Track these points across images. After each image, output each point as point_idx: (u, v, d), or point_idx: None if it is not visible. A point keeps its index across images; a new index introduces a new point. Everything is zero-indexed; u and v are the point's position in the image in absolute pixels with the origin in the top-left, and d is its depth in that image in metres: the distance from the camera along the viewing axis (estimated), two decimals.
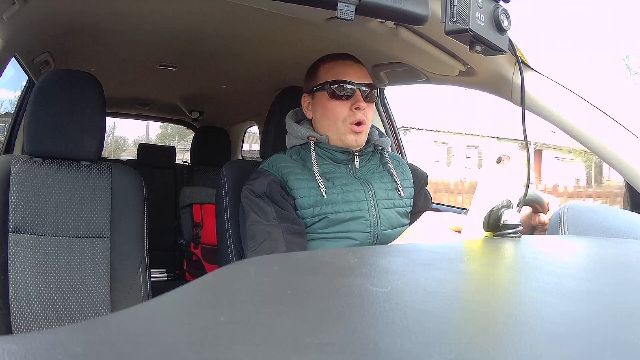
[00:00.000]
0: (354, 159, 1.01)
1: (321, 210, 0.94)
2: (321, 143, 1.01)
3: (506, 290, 0.36)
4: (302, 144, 1.03)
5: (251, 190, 0.95)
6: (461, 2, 0.58)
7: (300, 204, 0.95)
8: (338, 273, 0.35)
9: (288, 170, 0.97)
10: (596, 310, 0.31)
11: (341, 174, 0.99)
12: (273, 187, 0.93)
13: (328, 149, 1.00)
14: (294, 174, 0.97)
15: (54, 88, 1.14)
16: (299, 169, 0.98)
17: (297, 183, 0.96)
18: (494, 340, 0.25)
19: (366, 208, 0.96)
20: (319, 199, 0.94)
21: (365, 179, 1.00)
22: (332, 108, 0.98)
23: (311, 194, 0.95)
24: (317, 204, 0.94)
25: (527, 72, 1.00)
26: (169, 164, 3.08)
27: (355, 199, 0.96)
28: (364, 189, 0.98)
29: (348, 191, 0.96)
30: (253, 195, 0.94)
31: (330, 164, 1.00)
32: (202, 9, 1.19)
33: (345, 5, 0.57)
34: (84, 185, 1.17)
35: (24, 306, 1.05)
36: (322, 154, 1.00)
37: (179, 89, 2.43)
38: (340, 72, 0.99)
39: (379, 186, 1.00)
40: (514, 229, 0.58)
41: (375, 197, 0.98)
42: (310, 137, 1.01)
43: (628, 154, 0.93)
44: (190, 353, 0.20)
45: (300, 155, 1.03)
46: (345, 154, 1.00)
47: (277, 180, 0.95)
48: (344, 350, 0.21)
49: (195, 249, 2.52)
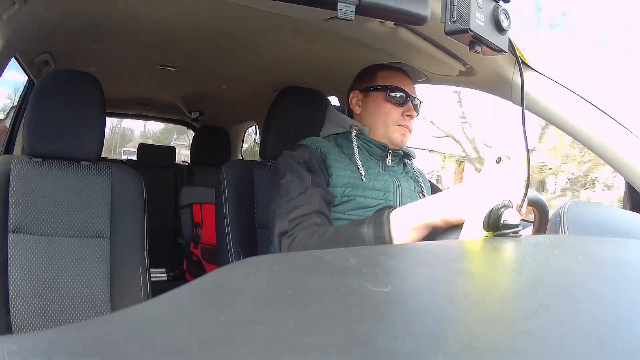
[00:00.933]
0: (387, 156, 1.07)
1: (352, 192, 0.99)
2: (361, 134, 1.06)
3: (506, 290, 0.36)
4: (342, 132, 1.09)
5: (291, 156, 0.99)
6: (461, 2, 0.58)
7: (334, 182, 0.99)
8: (338, 273, 0.35)
9: (327, 149, 1.03)
10: (596, 309, 0.31)
11: (374, 166, 1.05)
12: (313, 157, 0.99)
13: (367, 141, 1.06)
14: (332, 154, 1.02)
15: (54, 88, 1.14)
16: (336, 151, 1.04)
17: (334, 162, 1.01)
18: (494, 340, 0.25)
19: (392, 199, 1.02)
20: (352, 181, 1.00)
21: (394, 176, 1.07)
22: (387, 109, 1.06)
23: (346, 174, 1.00)
24: (349, 185, 0.99)
25: (527, 72, 1.00)
26: (169, 164, 3.08)
27: (383, 189, 1.02)
28: (393, 182, 1.04)
29: (379, 180, 1.02)
30: (292, 160, 0.98)
31: (366, 155, 1.06)
32: (202, 9, 1.19)
33: (345, 5, 0.57)
34: (84, 185, 1.17)
35: (24, 306, 1.06)
36: (360, 144, 1.06)
37: (179, 89, 2.43)
38: (399, 81, 1.09)
39: (405, 185, 1.07)
40: (514, 229, 0.58)
41: (401, 192, 1.04)
42: (353, 126, 1.07)
43: (628, 154, 0.93)
44: (190, 353, 0.20)
45: (337, 142, 1.08)
46: (381, 149, 1.06)
47: (316, 154, 1.01)
48: (344, 350, 0.21)
49: (195, 248, 2.52)
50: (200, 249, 2.50)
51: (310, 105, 1.28)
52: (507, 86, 1.07)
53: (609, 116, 0.95)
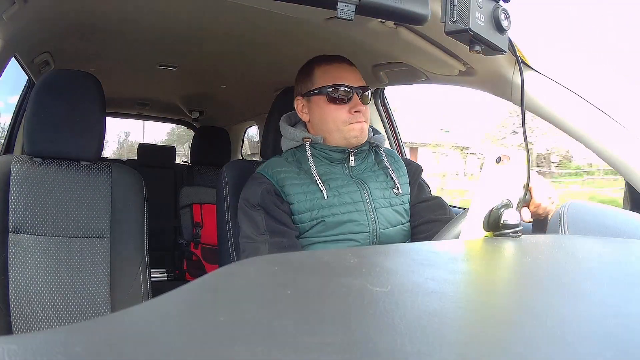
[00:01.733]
0: (349, 158, 1.01)
1: (318, 214, 0.95)
2: (316, 144, 1.02)
3: (506, 290, 0.36)
4: (297, 146, 1.04)
5: (246, 200, 0.97)
6: (461, 2, 0.58)
7: (297, 209, 0.96)
8: (338, 273, 0.35)
9: (284, 175, 0.98)
10: (596, 310, 0.31)
11: (337, 175, 1.00)
12: (266, 197, 0.95)
13: (323, 149, 1.01)
14: (289, 179, 0.98)
15: (54, 88, 1.14)
16: (294, 173, 0.99)
17: (293, 188, 0.96)
18: (494, 339, 0.25)
19: (363, 209, 0.97)
20: (315, 202, 0.95)
21: (361, 178, 1.01)
22: (332, 112, 0.99)
23: (307, 198, 0.96)
24: (314, 208, 0.95)
25: (527, 72, 1.00)
26: (169, 164, 3.08)
27: (351, 200, 0.97)
28: (360, 189, 0.99)
29: (344, 193, 0.97)
30: (247, 206, 0.97)
31: (326, 165, 1.01)
32: (202, 9, 1.19)
33: (345, 5, 0.57)
34: (84, 185, 1.17)
35: (24, 306, 1.06)
36: (317, 154, 1.01)
37: (179, 89, 2.43)
38: (337, 76, 1.00)
39: (374, 186, 1.01)
40: (514, 229, 0.58)
41: (372, 197, 0.99)
42: (305, 139, 1.02)
43: (628, 154, 0.93)
44: (190, 353, 0.20)
45: (296, 157, 1.03)
46: (341, 153, 1.01)
47: (271, 188, 0.97)
48: (344, 350, 0.21)
49: (195, 249, 2.52)
50: (200, 249, 2.50)
51: None
52: (507, 86, 1.07)
53: (609, 116, 0.95)
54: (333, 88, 0.99)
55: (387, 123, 1.78)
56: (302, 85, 1.06)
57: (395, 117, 1.81)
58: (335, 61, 1.04)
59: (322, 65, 1.03)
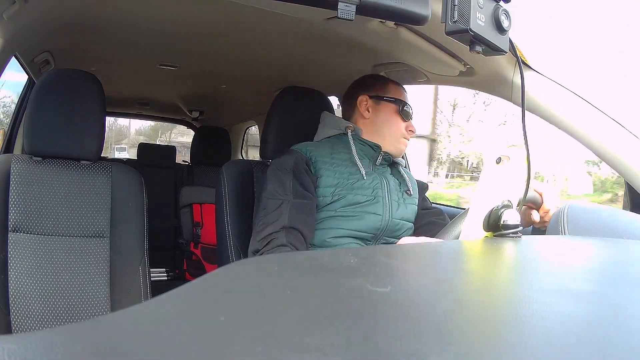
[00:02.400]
0: (378, 156, 1.12)
1: (342, 192, 1.04)
2: (355, 135, 1.12)
3: (506, 290, 0.36)
4: (336, 134, 1.14)
5: (277, 165, 1.05)
6: (461, 2, 0.58)
7: (323, 183, 1.04)
8: (338, 273, 0.35)
9: (317, 153, 1.08)
10: (596, 310, 0.31)
11: (366, 164, 1.10)
12: (299, 163, 1.04)
13: (361, 141, 1.11)
14: (321, 157, 1.07)
15: (54, 87, 1.14)
16: (327, 155, 1.08)
17: (323, 165, 1.06)
18: (494, 340, 0.25)
19: (381, 195, 1.07)
20: (341, 181, 1.05)
21: (382, 174, 1.12)
22: (397, 123, 1.14)
23: (336, 176, 1.05)
24: (339, 185, 1.04)
25: (527, 72, 1.00)
26: (169, 164, 3.08)
27: (372, 186, 1.07)
28: (381, 180, 1.10)
29: (368, 179, 1.07)
30: (277, 168, 1.04)
31: (359, 154, 1.10)
32: (203, 9, 1.19)
33: (346, 5, 0.57)
34: (83, 185, 1.17)
35: (23, 306, 1.05)
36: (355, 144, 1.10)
37: (179, 88, 2.43)
38: (405, 98, 1.16)
39: (392, 182, 1.12)
40: (514, 229, 0.58)
41: (389, 189, 1.10)
42: (348, 127, 1.13)
43: (628, 154, 0.93)
44: (190, 353, 0.20)
45: (330, 144, 1.12)
46: (374, 150, 1.11)
47: (304, 159, 1.05)
48: (344, 350, 0.21)
49: (195, 248, 2.52)
50: (200, 249, 2.50)
51: (310, 105, 1.28)
52: (507, 86, 1.07)
53: (609, 116, 0.95)
54: (406, 105, 1.14)
55: None
56: (373, 88, 1.17)
57: None
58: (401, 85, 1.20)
59: (394, 84, 1.19)
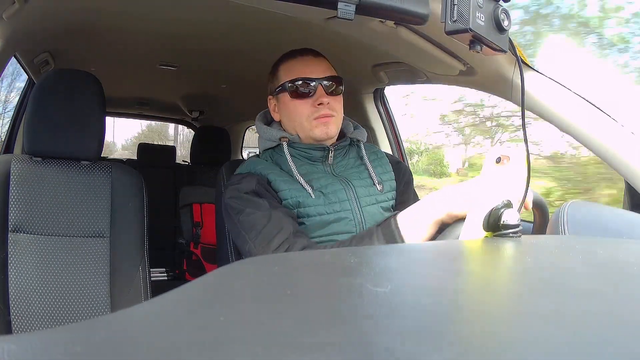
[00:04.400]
0: (329, 155, 0.98)
1: (305, 212, 0.91)
2: (293, 143, 0.98)
3: (506, 290, 0.36)
4: (275, 146, 1.00)
5: (238, 190, 0.91)
6: (461, 2, 0.58)
7: (286, 205, 0.92)
8: (338, 273, 0.35)
9: (268, 172, 0.94)
10: (596, 310, 0.31)
11: (319, 174, 0.96)
12: (261, 185, 0.91)
13: (302, 148, 0.97)
14: (274, 175, 0.94)
15: (54, 87, 1.14)
16: (277, 171, 0.95)
17: (280, 184, 0.93)
18: (494, 340, 0.25)
19: (349, 208, 0.94)
20: (302, 201, 0.92)
21: (344, 176, 0.98)
22: (295, 107, 0.96)
23: (293, 195, 0.92)
24: (300, 206, 0.92)
25: (527, 72, 1.00)
26: (169, 164, 3.08)
27: (337, 200, 0.93)
28: (345, 187, 0.95)
29: (329, 193, 0.94)
30: (241, 193, 0.90)
31: (307, 164, 0.98)
32: (203, 9, 1.19)
33: (346, 4, 0.57)
34: (84, 185, 1.17)
35: (24, 306, 1.05)
36: (296, 154, 0.98)
37: (179, 88, 2.43)
38: (300, 70, 0.97)
39: (358, 183, 0.97)
40: (514, 229, 0.58)
41: (357, 195, 0.95)
42: (282, 138, 0.99)
43: (628, 154, 0.93)
44: (190, 353, 0.20)
45: (274, 159, 1.00)
46: (320, 151, 0.97)
47: (262, 179, 0.93)
48: (344, 350, 0.21)
49: (195, 248, 2.52)
50: (200, 249, 2.50)
51: None
52: (507, 86, 1.07)
53: (609, 116, 0.95)
54: (292, 82, 0.96)
55: (387, 123, 1.77)
56: (270, 84, 1.04)
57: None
58: (298, 55, 1.00)
59: (286, 61, 1.01)
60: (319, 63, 0.99)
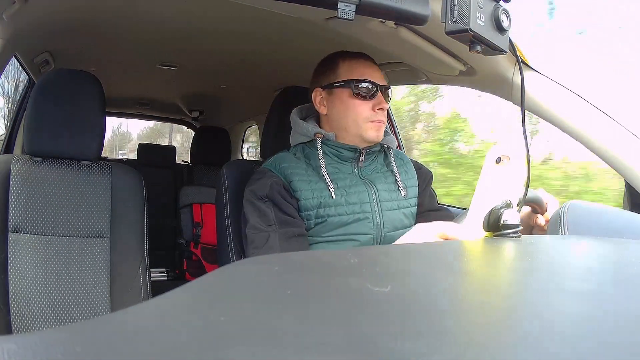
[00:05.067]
0: (359, 157, 1.00)
1: (325, 212, 0.93)
2: (327, 141, 0.99)
3: (506, 290, 0.36)
4: (308, 141, 1.02)
5: (253, 192, 0.95)
6: (461, 2, 0.58)
7: (304, 206, 0.94)
8: (338, 273, 0.35)
9: (292, 170, 0.96)
10: (596, 310, 0.31)
11: (345, 175, 0.98)
12: (275, 189, 0.93)
13: (335, 146, 0.99)
14: (297, 175, 0.96)
15: (54, 87, 1.14)
16: (302, 169, 0.97)
17: (301, 185, 0.95)
18: (494, 340, 0.25)
19: (369, 210, 0.96)
20: (323, 201, 0.94)
21: (369, 179, 1.00)
22: (355, 107, 0.97)
23: (315, 196, 0.94)
24: (320, 206, 0.94)
25: (527, 72, 1.00)
26: (169, 164, 3.08)
27: (358, 201, 0.95)
28: (368, 190, 0.97)
29: (352, 193, 0.96)
30: (254, 198, 0.94)
31: (336, 163, 0.99)
32: (203, 8, 1.19)
33: (346, 5, 0.57)
34: (84, 185, 1.17)
35: (23, 306, 1.06)
36: (328, 151, 0.99)
37: (179, 88, 2.43)
38: (364, 72, 0.99)
39: (382, 187, 1.00)
40: (514, 229, 0.58)
41: (379, 199, 0.98)
42: (317, 135, 1.00)
43: (628, 154, 0.93)
44: (190, 353, 0.20)
45: (304, 153, 1.02)
46: (352, 152, 0.99)
47: (279, 181, 0.95)
48: (344, 350, 0.21)
49: (195, 248, 2.52)
50: (200, 249, 2.50)
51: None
52: (507, 86, 1.07)
53: (609, 116, 0.95)
54: (359, 82, 0.97)
55: (387, 122, 1.77)
56: (323, 77, 1.02)
57: None
58: (361, 57, 1.02)
59: (348, 60, 1.01)
60: (378, 70, 1.02)
